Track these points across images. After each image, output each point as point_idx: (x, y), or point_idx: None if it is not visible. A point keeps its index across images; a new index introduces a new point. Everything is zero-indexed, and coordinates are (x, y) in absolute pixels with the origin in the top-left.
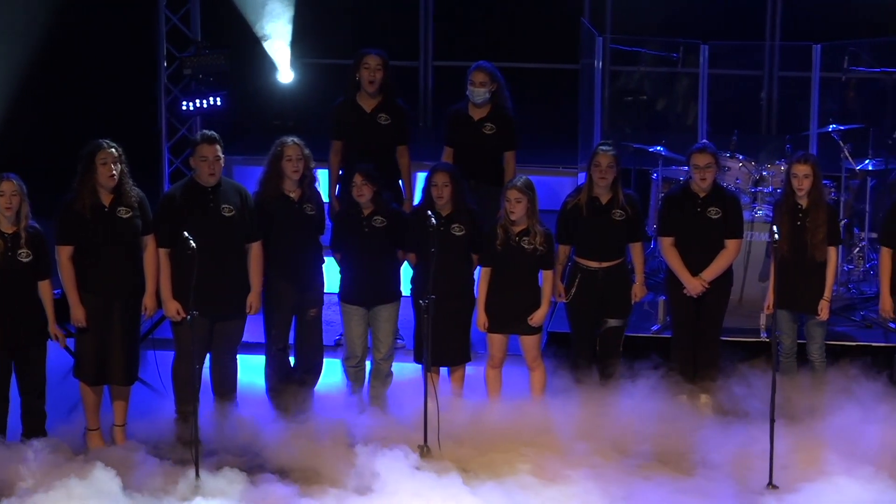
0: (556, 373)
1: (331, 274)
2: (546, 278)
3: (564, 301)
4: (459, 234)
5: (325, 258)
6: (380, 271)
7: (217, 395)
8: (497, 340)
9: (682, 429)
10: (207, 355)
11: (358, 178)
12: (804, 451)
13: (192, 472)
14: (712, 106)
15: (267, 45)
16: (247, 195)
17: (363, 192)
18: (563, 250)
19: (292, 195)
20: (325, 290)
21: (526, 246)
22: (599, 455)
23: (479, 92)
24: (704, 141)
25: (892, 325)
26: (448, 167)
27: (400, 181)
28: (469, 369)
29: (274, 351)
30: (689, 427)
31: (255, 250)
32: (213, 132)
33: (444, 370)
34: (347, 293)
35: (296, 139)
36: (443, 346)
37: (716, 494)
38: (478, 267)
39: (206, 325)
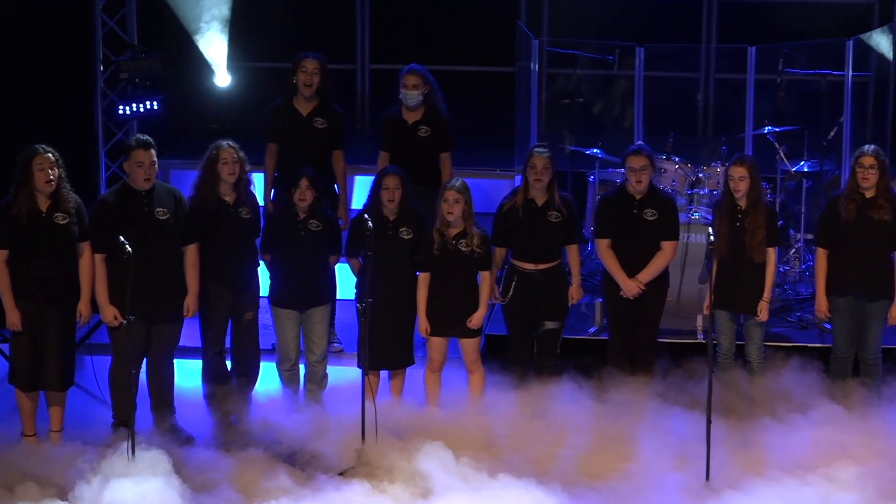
0: (494, 375)
1: (266, 277)
2: (484, 280)
3: (501, 303)
4: (407, 237)
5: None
6: (313, 274)
7: (154, 400)
8: (437, 344)
9: (618, 428)
10: (144, 360)
11: (304, 183)
12: (741, 451)
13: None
14: (649, 108)
15: (204, 49)
16: (181, 199)
17: (306, 197)
18: (499, 252)
19: (228, 199)
20: (261, 294)
21: (463, 248)
22: (537, 456)
23: (411, 95)
24: (640, 143)
25: (828, 326)
26: (398, 171)
27: (335, 185)
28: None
29: (210, 354)
30: (626, 426)
31: (191, 254)
32: (147, 137)
33: (384, 373)
34: (280, 297)
35: (231, 143)
36: (386, 350)
37: (653, 493)
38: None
39: (142, 330)
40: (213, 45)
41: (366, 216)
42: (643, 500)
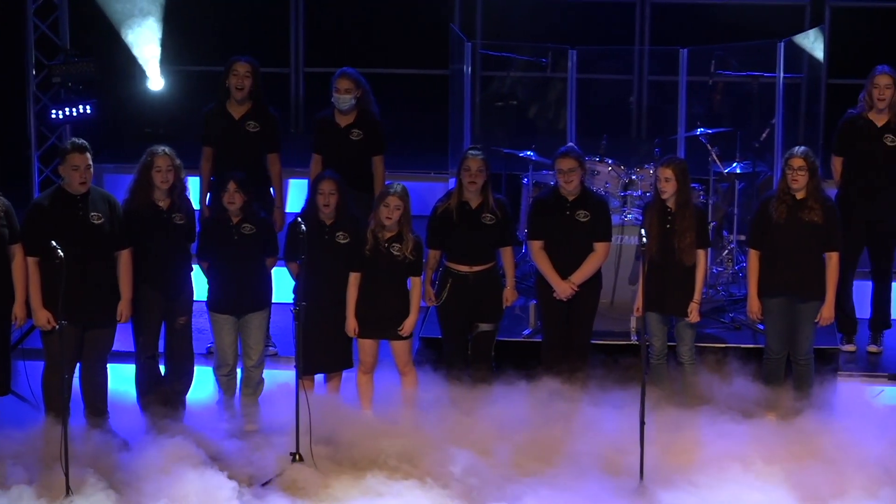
0: (428, 377)
1: (200, 282)
2: (414, 285)
3: (435, 305)
4: (344, 241)
5: (195, 266)
6: (249, 279)
7: (87, 405)
8: (367, 346)
9: (552, 429)
10: (78, 364)
11: (231, 186)
12: (674, 451)
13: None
14: (582, 110)
15: (137, 52)
16: (115, 203)
17: (234, 200)
18: (433, 255)
19: (161, 204)
20: (195, 299)
21: (395, 253)
22: (471, 457)
23: (343, 98)
24: (570, 145)
25: (761, 327)
26: (334, 175)
27: (271, 188)
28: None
29: (143, 359)
30: (560, 427)
31: (124, 258)
32: (82, 140)
33: (320, 377)
34: (217, 302)
35: (167, 149)
36: (323, 354)
37: (587, 494)
38: None
39: (75, 334)
40: (147, 49)
41: (300, 220)
42: (577, 501)
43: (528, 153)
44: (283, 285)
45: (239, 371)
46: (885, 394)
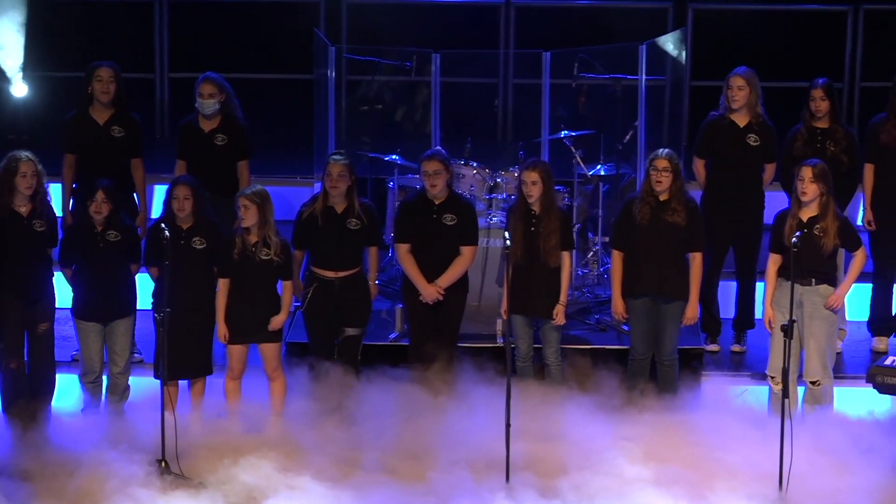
0: (295, 382)
1: (63, 289)
2: (285, 288)
3: (301, 310)
4: (200, 247)
5: (56, 273)
6: (114, 286)
7: None
8: (236, 351)
9: (420, 432)
10: None
11: (100, 196)
12: (540, 453)
13: None
14: (447, 114)
15: None
16: None
17: (101, 210)
18: (297, 256)
19: (22, 210)
20: (58, 306)
21: (263, 256)
22: (337, 462)
23: (207, 103)
24: (436, 148)
25: (625, 328)
26: (189, 180)
27: (135, 194)
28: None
29: (5, 367)
30: (428, 430)
31: None
32: None
33: (184, 382)
34: (82, 309)
35: (29, 155)
36: (183, 360)
37: (453, 496)
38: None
39: None
40: (9, 55)
41: (162, 226)
42: (443, 501)
43: (394, 157)
44: (144, 291)
45: (105, 378)
46: (748, 393)
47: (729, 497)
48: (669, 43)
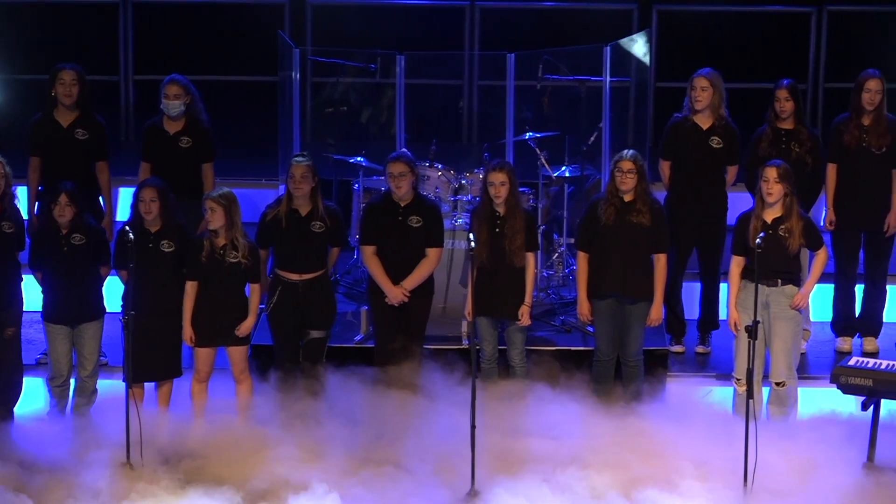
0: (261, 385)
1: (31, 292)
2: (253, 291)
3: (265, 312)
4: (168, 250)
5: (25, 276)
6: (82, 289)
7: None
8: (204, 354)
9: (384, 435)
10: None
11: (63, 199)
12: (505, 455)
13: None
14: (412, 116)
15: None
16: None
17: (64, 213)
18: (262, 255)
19: None
20: (25, 309)
21: (231, 259)
22: (306, 463)
23: (173, 105)
24: (402, 150)
25: (591, 329)
26: (155, 182)
27: (100, 197)
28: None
29: None
30: (392, 432)
31: None
32: None
33: (151, 386)
34: (50, 312)
35: None
36: (151, 362)
37: (418, 499)
38: None
39: None
40: None
41: (127, 228)
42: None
43: (359, 159)
44: (112, 294)
45: (72, 381)
46: (714, 393)
47: (694, 498)
48: (634, 44)
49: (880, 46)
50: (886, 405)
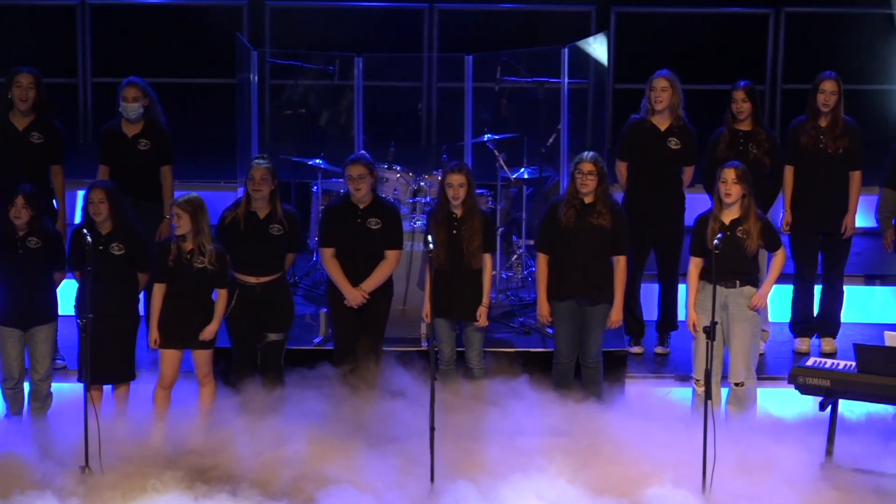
0: (221, 388)
1: None
2: (220, 296)
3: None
4: (118, 252)
5: None
6: (35, 292)
7: None
8: (169, 357)
9: (342, 437)
10: None
11: (19, 201)
12: (465, 455)
13: None
14: (371, 118)
15: None
16: None
17: (20, 215)
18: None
19: None
20: None
21: (197, 264)
22: (260, 469)
23: (131, 107)
24: (361, 152)
25: (550, 331)
26: (104, 184)
27: (54, 200)
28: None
29: None
30: (350, 435)
31: None
32: None
33: (108, 389)
34: (2, 315)
35: None
36: (105, 365)
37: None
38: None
39: None
40: None
41: (84, 231)
42: None
43: (318, 161)
44: (67, 297)
45: (27, 385)
46: (673, 394)
47: (653, 498)
48: (592, 46)
49: (838, 48)
50: (844, 405)
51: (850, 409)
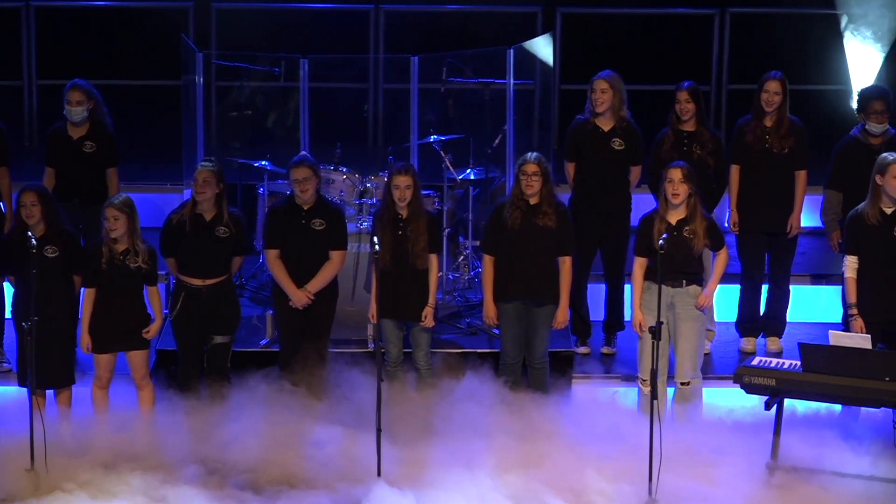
0: (164, 390)
1: None
2: (153, 294)
3: (171, 317)
4: (53, 255)
5: None
6: None
7: None
8: (104, 360)
9: (288, 439)
10: None
11: None
12: (411, 456)
13: None
14: (317, 119)
15: None
16: None
17: None
18: (171, 263)
19: None
20: None
21: (130, 265)
22: (203, 472)
23: (76, 111)
24: (304, 153)
25: (497, 332)
26: (35, 186)
27: (1, 203)
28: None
29: None
30: (296, 437)
31: None
32: None
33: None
34: None
35: None
36: (47, 369)
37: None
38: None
39: None
40: None
41: (28, 234)
42: None
43: (263, 163)
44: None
45: None
46: (620, 394)
47: (598, 498)
48: (538, 47)
49: (783, 48)
50: (789, 404)
51: (796, 407)
